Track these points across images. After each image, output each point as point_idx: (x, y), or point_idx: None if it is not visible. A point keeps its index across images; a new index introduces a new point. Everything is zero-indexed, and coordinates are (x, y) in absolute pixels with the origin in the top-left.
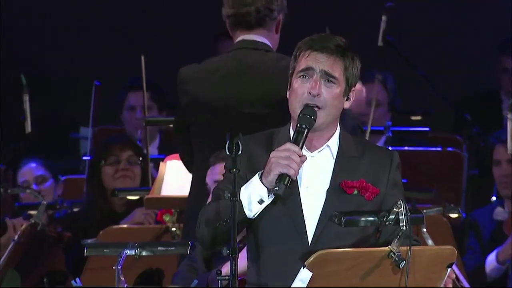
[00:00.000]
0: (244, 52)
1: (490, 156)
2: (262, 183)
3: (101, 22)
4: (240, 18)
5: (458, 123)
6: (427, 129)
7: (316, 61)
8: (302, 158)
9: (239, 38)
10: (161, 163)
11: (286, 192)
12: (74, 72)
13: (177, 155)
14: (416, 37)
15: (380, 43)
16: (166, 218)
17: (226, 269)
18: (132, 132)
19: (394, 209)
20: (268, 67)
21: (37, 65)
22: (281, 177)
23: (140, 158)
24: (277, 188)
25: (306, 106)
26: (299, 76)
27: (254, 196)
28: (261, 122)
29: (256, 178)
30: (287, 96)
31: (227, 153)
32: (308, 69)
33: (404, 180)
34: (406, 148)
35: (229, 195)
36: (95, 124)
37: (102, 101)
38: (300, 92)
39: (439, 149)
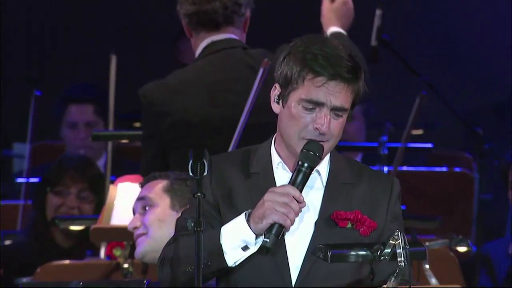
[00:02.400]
0: (220, 54)
1: (505, 178)
2: (250, 227)
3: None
4: (205, 16)
5: (468, 138)
6: (430, 145)
7: (328, 93)
8: (302, 205)
9: (207, 41)
10: (111, 186)
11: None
12: (9, 78)
13: (130, 176)
14: (418, 36)
15: (373, 42)
16: (117, 252)
17: None
18: (74, 152)
19: (391, 242)
20: (255, 67)
21: None
22: (273, 227)
23: (96, 194)
24: (267, 240)
25: (312, 141)
26: (304, 105)
27: (237, 241)
28: (265, 133)
29: (242, 219)
30: (273, 106)
31: (191, 174)
32: (317, 103)
33: (403, 207)
34: (405, 168)
35: (192, 224)
36: (33, 140)
37: (44, 113)
38: (302, 122)
39: (444, 169)
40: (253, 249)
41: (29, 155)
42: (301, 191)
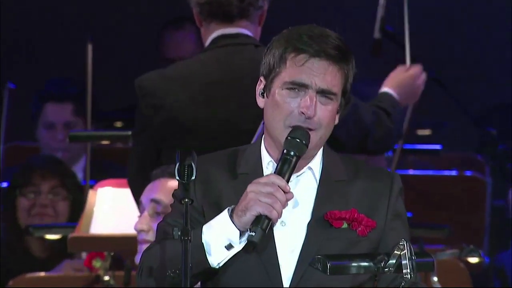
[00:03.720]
0: (228, 50)
1: None
2: (233, 223)
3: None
4: (218, 7)
5: (479, 139)
6: (438, 146)
7: (312, 73)
8: (288, 196)
9: (217, 33)
10: (91, 192)
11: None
12: None
13: (111, 180)
14: (425, 27)
15: (376, 34)
16: (97, 263)
17: None
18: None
19: (395, 252)
20: None
21: None
22: (259, 219)
23: (69, 191)
24: (253, 234)
25: (297, 128)
26: (287, 88)
27: (220, 239)
28: None
29: (225, 216)
30: (258, 101)
31: (177, 178)
32: (301, 84)
33: (409, 214)
34: (411, 171)
35: (179, 233)
36: (6, 140)
37: (19, 110)
38: (287, 109)
39: (454, 173)
40: (237, 247)
41: (2, 158)
42: (287, 182)
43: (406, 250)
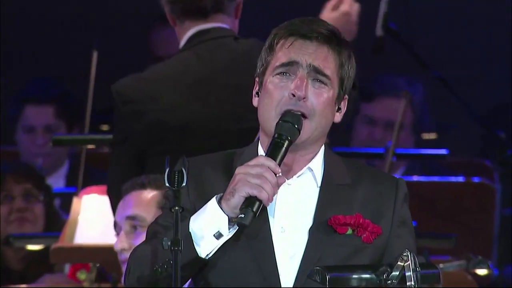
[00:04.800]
0: (208, 45)
1: None
2: (222, 209)
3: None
4: (191, 2)
5: (488, 143)
6: (444, 151)
7: (301, 51)
8: (280, 180)
9: (192, 30)
10: (75, 199)
11: (253, 235)
12: None
13: (96, 187)
14: (430, 24)
15: (379, 32)
16: (82, 275)
17: None
18: (30, 160)
19: (399, 263)
20: (248, 60)
21: None
22: (249, 201)
23: (43, 193)
24: (243, 216)
25: (288, 111)
26: (277, 74)
27: (209, 227)
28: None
29: (213, 202)
30: (254, 102)
31: (167, 185)
32: (290, 63)
33: (414, 223)
34: (415, 178)
35: (169, 243)
36: None
37: None
38: (277, 95)
39: (461, 179)
40: (227, 235)
41: None
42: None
43: (410, 261)
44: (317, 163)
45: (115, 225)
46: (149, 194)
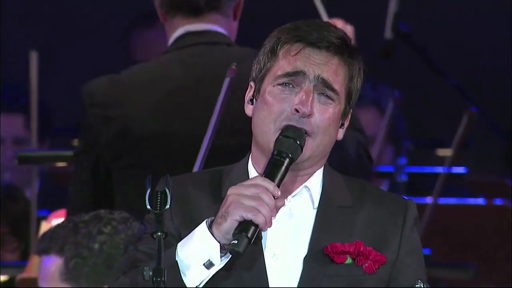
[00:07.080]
0: (194, 50)
1: None
2: (213, 235)
3: None
4: None
5: (510, 160)
6: (462, 169)
7: (309, 61)
8: (279, 203)
9: (181, 30)
10: (43, 223)
11: (245, 263)
12: None
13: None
14: (444, 27)
15: (388, 34)
16: None
17: None
18: None
19: None
20: (238, 70)
21: None
22: (243, 226)
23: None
24: (236, 242)
25: (290, 127)
26: (279, 84)
27: (198, 256)
28: (237, 157)
29: (202, 227)
30: (246, 110)
31: (148, 207)
32: (296, 73)
33: (427, 250)
34: (428, 199)
35: (150, 273)
36: None
37: None
38: (278, 108)
39: (481, 201)
40: (218, 264)
41: None
42: (278, 187)
43: None
44: (315, 182)
45: None
46: (50, 259)
